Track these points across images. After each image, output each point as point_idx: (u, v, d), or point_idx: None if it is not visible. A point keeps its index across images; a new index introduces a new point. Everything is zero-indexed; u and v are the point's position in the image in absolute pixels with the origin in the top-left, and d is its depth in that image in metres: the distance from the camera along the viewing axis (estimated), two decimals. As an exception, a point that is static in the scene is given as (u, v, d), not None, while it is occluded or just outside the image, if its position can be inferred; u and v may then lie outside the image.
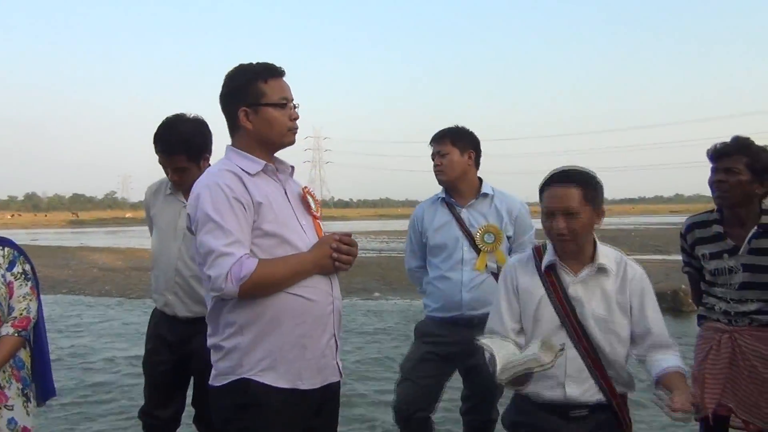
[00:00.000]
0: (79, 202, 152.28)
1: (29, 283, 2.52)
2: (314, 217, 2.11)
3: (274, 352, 1.90)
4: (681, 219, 2.76)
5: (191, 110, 2.82)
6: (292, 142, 2.07)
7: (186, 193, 2.81)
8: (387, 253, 19.42)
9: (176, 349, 2.87)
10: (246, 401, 1.89)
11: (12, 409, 2.44)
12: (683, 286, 9.46)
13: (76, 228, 54.22)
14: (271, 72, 2.01)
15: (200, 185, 1.93)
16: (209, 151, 2.79)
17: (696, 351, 2.72)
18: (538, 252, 2.25)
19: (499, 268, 2.87)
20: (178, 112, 2.79)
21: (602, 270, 2.16)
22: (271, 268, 1.86)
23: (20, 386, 2.50)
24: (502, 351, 2.01)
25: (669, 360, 2.10)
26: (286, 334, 1.91)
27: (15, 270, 2.49)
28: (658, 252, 18.26)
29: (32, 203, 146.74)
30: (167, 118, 2.74)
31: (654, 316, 2.17)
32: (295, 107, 2.04)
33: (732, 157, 2.51)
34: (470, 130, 3.14)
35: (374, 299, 10.58)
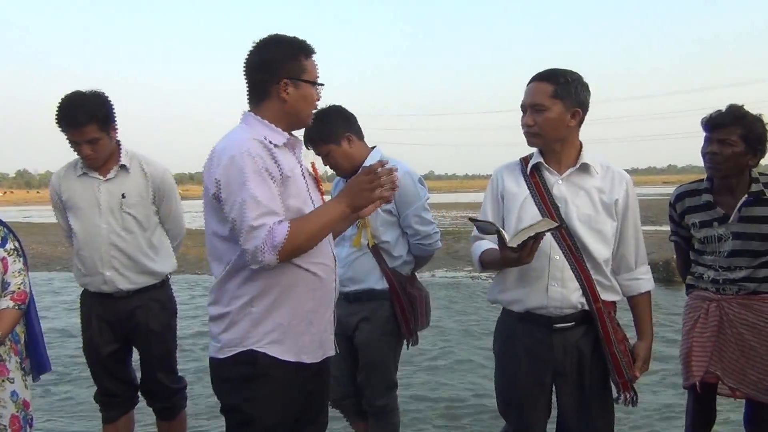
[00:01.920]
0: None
1: (21, 259, 2.56)
2: (321, 193, 2.15)
3: (282, 325, 1.92)
4: (673, 190, 2.77)
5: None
6: (309, 124, 2.10)
7: (104, 167, 2.82)
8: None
9: (118, 328, 2.90)
10: (253, 372, 1.91)
11: (13, 382, 2.50)
12: (679, 268, 9.55)
13: (68, 205, 53.88)
14: (310, 50, 2.02)
15: (227, 151, 1.86)
16: (115, 122, 2.79)
17: (684, 320, 2.75)
18: (525, 160, 2.30)
19: (375, 246, 2.78)
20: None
21: (586, 168, 2.21)
22: (302, 226, 1.85)
23: (18, 360, 2.55)
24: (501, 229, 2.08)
25: (640, 284, 2.28)
26: (295, 308, 1.94)
27: (8, 246, 2.55)
28: (651, 223, 18.28)
29: (24, 180, 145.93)
30: (67, 95, 2.73)
31: (633, 232, 2.25)
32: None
33: (727, 128, 2.50)
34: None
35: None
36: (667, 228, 3.08)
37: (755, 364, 2.53)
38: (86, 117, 2.67)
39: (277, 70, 1.95)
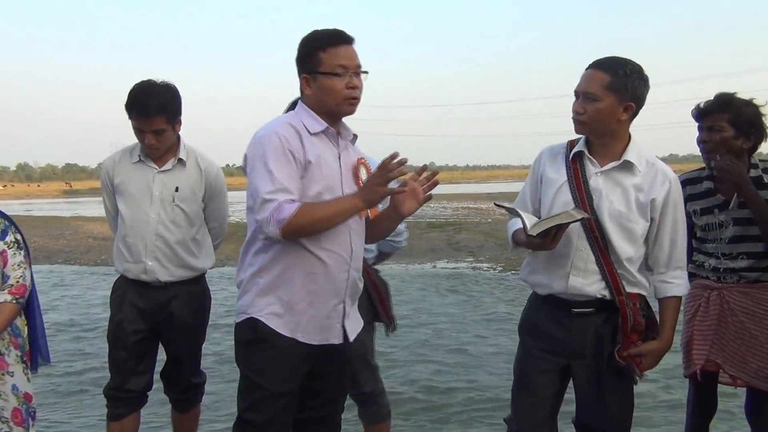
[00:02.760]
0: (72, 171, 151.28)
1: (22, 252, 2.55)
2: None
3: (283, 300, 2.05)
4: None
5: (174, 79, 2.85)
6: (349, 112, 2.13)
7: (161, 158, 2.85)
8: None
9: (150, 318, 2.89)
10: (254, 337, 2.07)
11: (13, 376, 2.49)
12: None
13: (69, 198, 53.96)
14: (331, 41, 2.06)
15: (260, 132, 2.04)
16: (181, 115, 2.83)
17: (685, 308, 2.73)
18: (571, 144, 2.28)
19: None
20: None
21: (628, 165, 2.17)
22: (311, 209, 1.97)
23: (18, 353, 2.54)
24: (525, 214, 2.12)
25: (668, 288, 2.22)
26: (297, 287, 2.05)
27: (8, 239, 2.52)
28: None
29: (25, 173, 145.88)
30: (140, 84, 2.77)
31: (669, 234, 2.18)
32: (357, 75, 2.07)
33: (714, 115, 2.54)
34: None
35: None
36: None
37: (756, 352, 2.53)
38: (156, 108, 2.70)
39: (298, 67, 2.11)
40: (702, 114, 2.59)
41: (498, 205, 2.23)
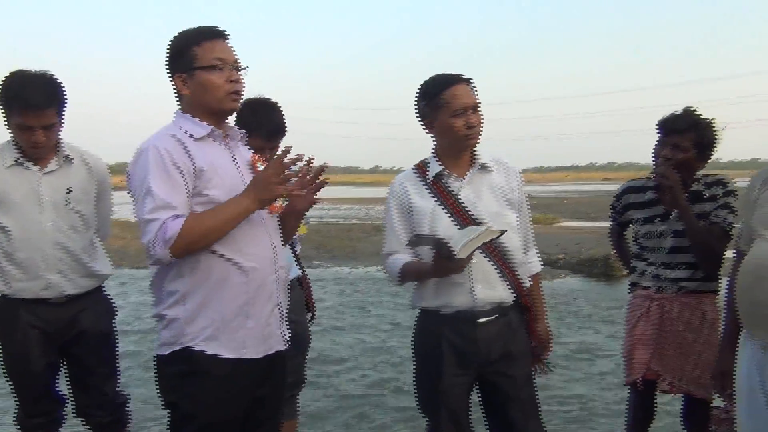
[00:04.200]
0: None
1: None
2: None
3: (216, 321, 1.88)
4: (613, 186, 2.85)
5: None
6: (233, 109, 2.00)
7: (42, 158, 2.53)
8: (327, 220, 19.26)
9: (57, 338, 2.59)
10: (190, 369, 1.88)
11: None
12: (613, 253, 9.83)
13: None
14: (205, 35, 1.94)
15: (141, 148, 1.88)
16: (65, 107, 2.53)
17: (626, 318, 2.82)
18: (421, 168, 2.31)
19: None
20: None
21: (485, 168, 2.27)
22: (198, 221, 1.81)
23: None
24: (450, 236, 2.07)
25: (531, 267, 2.37)
26: (227, 302, 1.89)
27: None
28: (591, 219, 18.82)
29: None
30: (18, 74, 2.43)
31: (525, 219, 2.34)
32: (237, 70, 1.95)
33: (682, 135, 2.57)
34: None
35: (314, 267, 10.55)
36: (606, 224, 3.15)
37: (692, 360, 2.61)
38: (47, 99, 2.40)
39: (171, 68, 1.96)
40: (669, 130, 2.61)
41: (419, 237, 2.15)
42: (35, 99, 2.38)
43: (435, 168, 2.25)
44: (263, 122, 2.60)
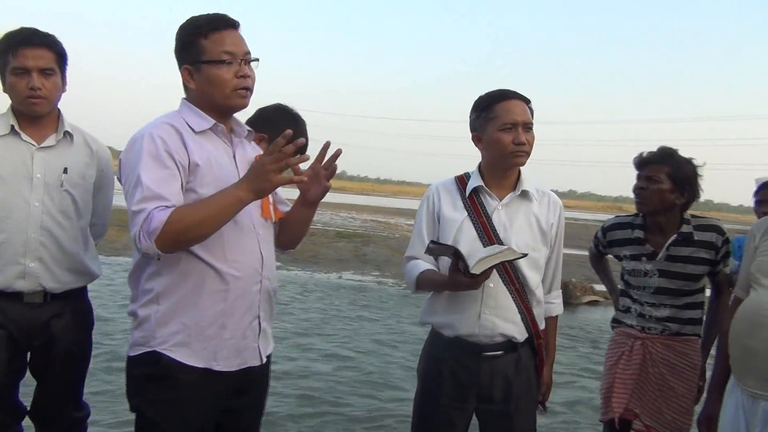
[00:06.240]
0: None
1: None
2: None
3: (189, 327, 1.77)
4: (573, 214, 2.81)
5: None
6: (241, 105, 1.86)
7: (39, 132, 2.26)
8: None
9: (24, 342, 2.26)
10: (156, 374, 1.77)
11: None
12: (573, 279, 10.00)
13: None
14: (213, 25, 1.80)
15: (137, 134, 1.78)
16: (67, 69, 2.31)
17: (608, 354, 2.77)
18: (461, 180, 2.22)
19: None
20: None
21: (525, 195, 2.17)
22: (186, 212, 1.67)
23: None
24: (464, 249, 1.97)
25: (551, 309, 2.27)
26: (204, 309, 1.77)
27: None
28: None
29: None
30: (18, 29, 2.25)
31: (555, 258, 2.25)
32: (247, 63, 1.82)
33: (654, 166, 2.60)
34: None
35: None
36: (568, 251, 3.10)
37: (672, 404, 2.57)
38: (45, 39, 2.20)
39: (178, 59, 1.86)
40: (643, 163, 2.64)
41: (434, 243, 2.04)
42: (33, 36, 2.20)
43: (475, 182, 2.16)
44: (303, 136, 2.29)
